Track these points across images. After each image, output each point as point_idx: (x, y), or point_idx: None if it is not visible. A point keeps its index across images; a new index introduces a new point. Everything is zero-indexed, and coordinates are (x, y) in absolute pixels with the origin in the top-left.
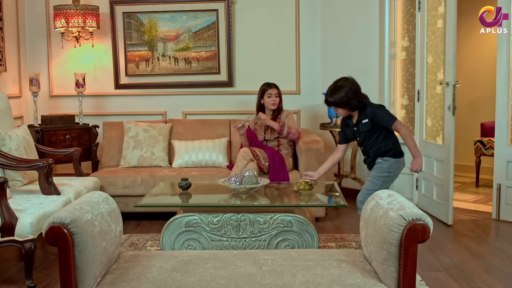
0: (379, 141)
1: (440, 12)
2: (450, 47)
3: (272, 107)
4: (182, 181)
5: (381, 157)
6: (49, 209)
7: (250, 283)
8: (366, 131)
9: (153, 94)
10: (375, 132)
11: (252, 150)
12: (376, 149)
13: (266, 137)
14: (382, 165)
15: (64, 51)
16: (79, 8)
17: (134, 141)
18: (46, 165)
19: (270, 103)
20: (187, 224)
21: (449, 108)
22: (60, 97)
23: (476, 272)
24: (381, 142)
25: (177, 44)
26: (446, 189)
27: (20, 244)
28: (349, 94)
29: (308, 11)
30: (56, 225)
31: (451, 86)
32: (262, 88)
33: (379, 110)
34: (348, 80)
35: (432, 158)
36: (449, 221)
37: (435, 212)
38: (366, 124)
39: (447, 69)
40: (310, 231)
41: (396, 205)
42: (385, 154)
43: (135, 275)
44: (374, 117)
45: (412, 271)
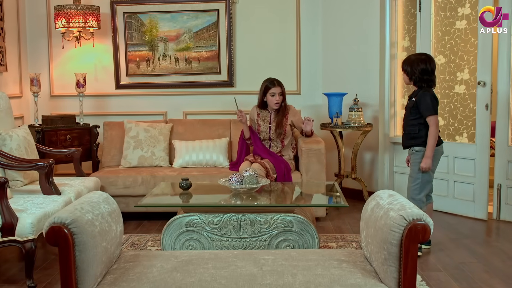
0: (416, 123)
1: (462, 13)
2: (486, 49)
3: (275, 107)
4: (183, 181)
5: (414, 144)
6: (50, 209)
7: (251, 283)
8: (410, 108)
9: (153, 94)
10: (416, 114)
11: (263, 164)
12: (410, 130)
13: (271, 136)
14: (415, 156)
15: (64, 51)
16: (79, 8)
17: (134, 141)
18: (46, 165)
19: (274, 102)
20: (187, 224)
21: (487, 107)
22: (61, 97)
23: (476, 272)
24: (417, 125)
25: (177, 44)
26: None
27: (21, 244)
28: (416, 68)
29: (309, 11)
30: (57, 225)
31: (488, 86)
32: (265, 84)
33: (426, 97)
34: (428, 59)
35: (451, 156)
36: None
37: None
38: (412, 102)
39: (482, 70)
40: (310, 231)
41: (397, 205)
42: (416, 139)
43: (135, 275)
44: (419, 100)
45: (413, 271)
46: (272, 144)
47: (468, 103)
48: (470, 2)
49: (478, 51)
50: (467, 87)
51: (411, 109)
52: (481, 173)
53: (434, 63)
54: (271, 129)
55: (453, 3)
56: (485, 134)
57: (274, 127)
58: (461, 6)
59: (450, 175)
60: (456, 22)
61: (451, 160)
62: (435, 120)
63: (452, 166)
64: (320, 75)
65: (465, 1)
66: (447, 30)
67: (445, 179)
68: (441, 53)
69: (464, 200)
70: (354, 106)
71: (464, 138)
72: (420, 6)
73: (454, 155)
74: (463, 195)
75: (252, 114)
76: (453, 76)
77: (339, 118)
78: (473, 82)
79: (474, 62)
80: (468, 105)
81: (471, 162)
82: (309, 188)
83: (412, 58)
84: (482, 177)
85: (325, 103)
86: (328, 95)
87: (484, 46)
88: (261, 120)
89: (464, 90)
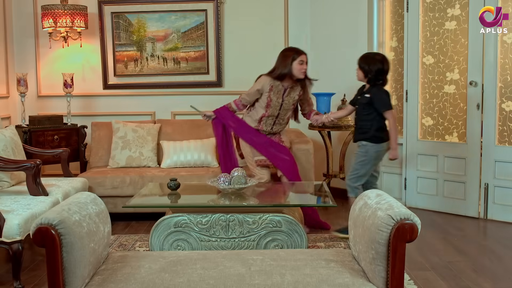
0: (368, 118)
1: (452, 14)
2: (477, 49)
3: (301, 75)
4: (171, 181)
5: (363, 138)
6: (37, 210)
7: (239, 283)
8: (363, 104)
9: (141, 95)
10: (369, 109)
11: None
12: (362, 124)
13: (280, 113)
14: (361, 149)
15: (52, 51)
16: (67, 8)
17: (122, 141)
18: (34, 165)
19: (301, 71)
20: (176, 225)
21: (478, 107)
22: (48, 97)
23: (464, 271)
24: (369, 120)
25: (165, 44)
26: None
27: (8, 246)
28: (372, 67)
29: (297, 11)
30: (44, 226)
31: (480, 86)
32: (292, 54)
33: (381, 94)
34: (383, 59)
35: (441, 156)
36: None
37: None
38: (366, 98)
39: (473, 70)
40: (299, 231)
41: (385, 205)
42: (366, 133)
43: (123, 276)
44: (373, 96)
45: (401, 270)
46: (276, 122)
47: (458, 102)
48: (460, 3)
49: (468, 52)
50: (457, 87)
51: (365, 105)
52: (472, 171)
53: (389, 64)
54: (283, 106)
55: (442, 4)
56: (476, 134)
57: (288, 103)
58: (450, 7)
59: (440, 174)
60: (446, 22)
61: (440, 159)
62: (392, 114)
63: (441, 165)
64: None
65: (455, 2)
66: (436, 30)
67: (435, 178)
68: (430, 53)
69: (454, 198)
70: (342, 106)
71: (454, 137)
72: (408, 6)
73: (443, 154)
74: (453, 193)
75: (264, 86)
76: (442, 76)
77: None
78: (463, 82)
79: (465, 63)
80: (458, 105)
81: (461, 161)
82: (298, 188)
83: (369, 57)
84: (473, 175)
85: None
86: (316, 95)
87: (474, 46)
88: (273, 95)
89: (454, 90)
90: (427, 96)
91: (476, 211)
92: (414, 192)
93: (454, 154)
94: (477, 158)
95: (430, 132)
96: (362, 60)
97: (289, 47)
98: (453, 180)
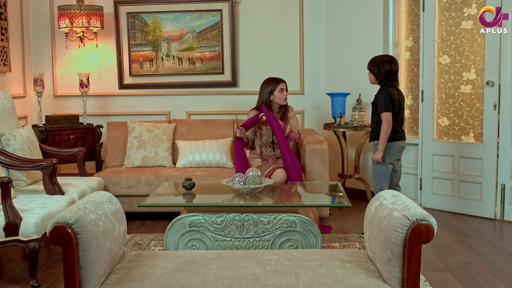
0: (375, 119)
1: (468, 13)
2: (494, 49)
3: (284, 102)
4: (186, 181)
5: (375, 138)
6: (53, 209)
7: (254, 283)
8: (373, 105)
9: (157, 94)
10: (375, 110)
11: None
12: (372, 125)
13: (274, 139)
14: (374, 149)
15: (68, 51)
16: (83, 8)
17: (138, 141)
18: (50, 165)
19: (283, 98)
20: (191, 224)
21: (495, 107)
22: (64, 97)
23: (480, 272)
24: (376, 121)
25: (181, 44)
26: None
27: (24, 244)
28: (381, 69)
29: (312, 11)
30: (60, 225)
31: (497, 86)
32: (271, 84)
33: (381, 96)
34: (391, 59)
35: (457, 156)
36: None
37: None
38: (374, 99)
39: (489, 70)
40: (314, 231)
41: (400, 206)
42: (376, 134)
43: (139, 275)
44: (376, 98)
45: (416, 271)
46: (275, 147)
47: (474, 103)
48: (476, 2)
49: (485, 51)
50: (473, 87)
51: (373, 105)
52: (489, 172)
53: (397, 64)
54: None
55: (459, 4)
56: (493, 134)
57: None
58: (467, 6)
59: (456, 175)
60: (462, 22)
61: (456, 160)
62: (386, 117)
63: (457, 165)
64: (323, 75)
65: (471, 2)
66: (452, 30)
67: (450, 179)
68: (446, 53)
69: (470, 199)
70: (358, 106)
71: (471, 137)
72: (424, 6)
73: (460, 154)
74: (469, 194)
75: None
76: (458, 76)
77: (342, 118)
78: (480, 82)
79: (481, 62)
80: (474, 105)
81: (478, 162)
82: (312, 188)
83: (377, 60)
84: (490, 176)
85: (328, 103)
86: (332, 95)
87: (491, 46)
88: (262, 124)
89: (471, 90)
90: (443, 96)
91: (493, 212)
92: (429, 192)
93: (470, 154)
94: (494, 158)
95: (446, 132)
96: (371, 64)
97: (268, 77)
98: (469, 181)
